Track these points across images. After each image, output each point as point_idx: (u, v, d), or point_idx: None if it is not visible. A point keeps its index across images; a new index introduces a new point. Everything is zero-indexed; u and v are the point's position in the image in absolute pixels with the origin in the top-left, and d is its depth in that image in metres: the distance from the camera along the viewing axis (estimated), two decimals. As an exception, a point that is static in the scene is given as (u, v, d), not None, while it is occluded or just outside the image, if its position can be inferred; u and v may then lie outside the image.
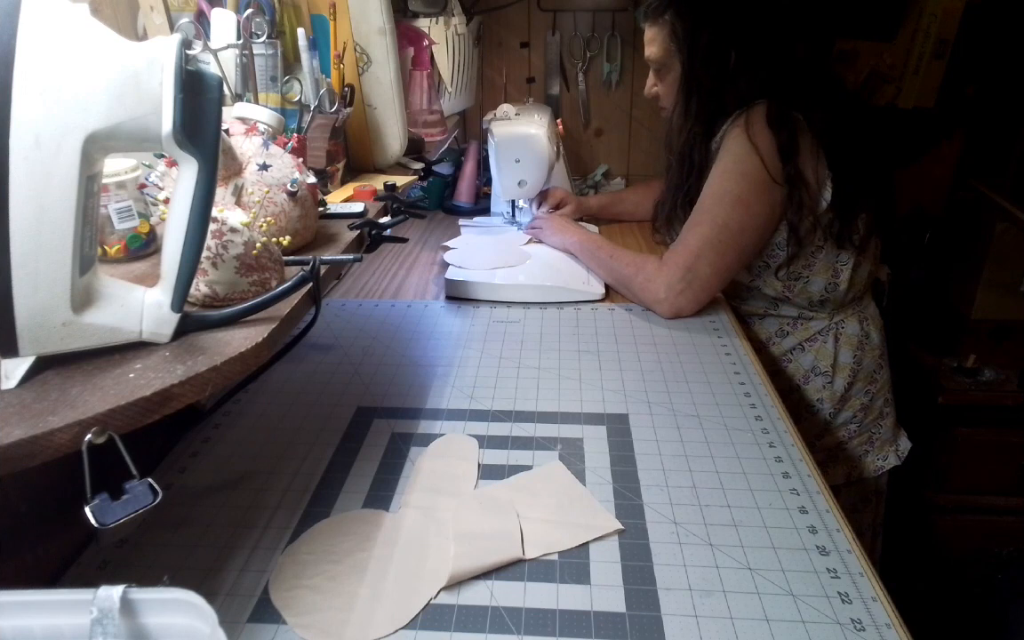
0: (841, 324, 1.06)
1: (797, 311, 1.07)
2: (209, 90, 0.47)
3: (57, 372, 0.46)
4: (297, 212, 0.69)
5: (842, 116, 0.97)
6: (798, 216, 0.96)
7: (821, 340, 1.06)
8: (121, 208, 0.63)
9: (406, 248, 1.35)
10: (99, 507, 0.42)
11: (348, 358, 0.91)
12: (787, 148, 0.93)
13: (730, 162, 0.97)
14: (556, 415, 0.78)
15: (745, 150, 0.95)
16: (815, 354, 1.07)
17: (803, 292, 1.03)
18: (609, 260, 1.09)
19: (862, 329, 1.06)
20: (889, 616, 0.52)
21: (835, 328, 1.06)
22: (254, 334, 0.51)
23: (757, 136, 0.94)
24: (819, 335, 1.06)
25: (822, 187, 0.95)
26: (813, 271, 1.02)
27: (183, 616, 0.38)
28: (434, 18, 1.28)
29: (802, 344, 1.07)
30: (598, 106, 1.70)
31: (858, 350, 1.06)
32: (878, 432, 1.11)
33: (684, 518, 0.62)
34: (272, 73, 0.91)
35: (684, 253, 0.98)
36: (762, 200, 0.95)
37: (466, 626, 0.52)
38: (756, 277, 1.06)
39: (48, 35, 0.41)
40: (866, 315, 1.08)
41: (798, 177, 0.94)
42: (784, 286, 1.03)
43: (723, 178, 0.97)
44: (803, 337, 1.07)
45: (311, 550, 0.59)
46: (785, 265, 1.01)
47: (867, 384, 1.08)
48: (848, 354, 1.06)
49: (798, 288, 1.03)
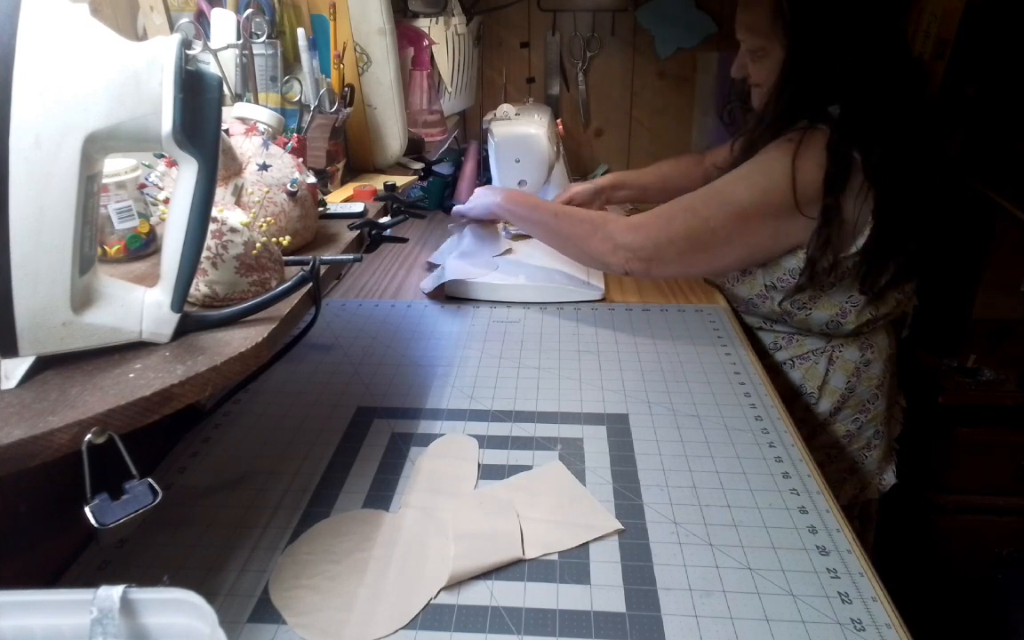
0: (838, 348, 1.00)
1: (792, 330, 1.02)
2: (209, 90, 0.47)
3: (57, 372, 0.46)
4: (297, 212, 0.69)
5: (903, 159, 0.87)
6: (821, 251, 0.88)
7: (813, 360, 1.01)
8: (121, 208, 0.63)
9: (406, 248, 1.35)
10: (99, 507, 0.42)
11: (348, 358, 0.91)
12: (835, 180, 0.85)
13: (757, 173, 0.90)
14: (556, 415, 0.78)
15: (781, 171, 0.87)
16: (804, 373, 1.02)
17: (803, 321, 0.98)
18: (553, 218, 1.02)
19: (862, 356, 1.00)
20: (889, 616, 0.52)
21: (831, 350, 1.00)
22: (254, 334, 0.51)
23: (805, 161, 0.86)
24: (812, 354, 1.01)
25: (858, 231, 0.88)
26: (817, 305, 0.95)
27: (183, 616, 0.38)
28: (434, 18, 1.28)
29: (793, 359, 1.03)
30: (598, 106, 1.70)
31: (853, 377, 1.00)
32: (862, 462, 1.06)
33: (684, 518, 0.62)
34: (272, 73, 0.91)
35: (661, 230, 0.93)
36: (767, 227, 0.89)
37: (466, 626, 0.52)
38: (757, 296, 1.00)
39: (48, 35, 0.41)
40: (870, 343, 1.01)
41: (835, 213, 0.86)
42: (786, 311, 0.97)
43: (740, 184, 0.90)
44: (795, 353, 1.02)
45: (311, 550, 0.59)
46: (791, 294, 0.95)
47: (856, 412, 1.03)
48: (841, 379, 1.00)
49: (798, 317, 0.97)
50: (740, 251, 0.93)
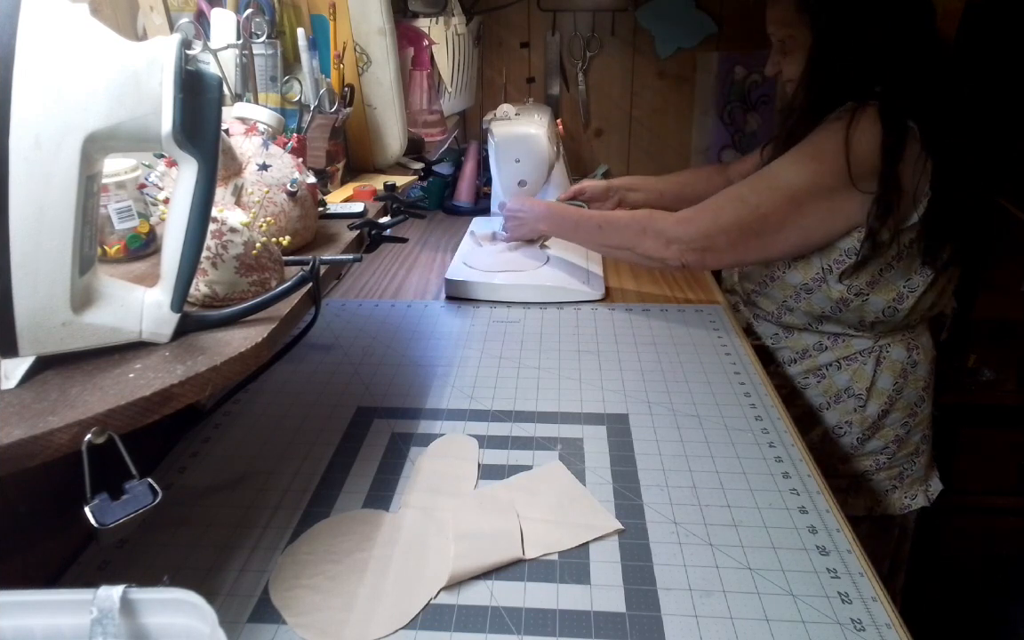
0: (886, 347, 0.99)
1: (840, 328, 1.00)
2: (209, 90, 0.47)
3: (57, 372, 0.46)
4: (297, 212, 0.69)
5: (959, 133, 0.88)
6: (880, 221, 0.87)
7: (860, 361, 1.00)
8: (121, 208, 0.63)
9: (406, 248, 1.35)
10: (99, 507, 0.42)
11: (348, 358, 0.91)
12: (892, 150, 0.85)
13: (807, 156, 0.89)
14: (556, 415, 0.78)
15: (834, 149, 0.86)
16: (851, 374, 1.00)
17: (858, 310, 0.96)
18: (599, 230, 1.03)
19: (909, 356, 0.99)
20: (889, 616, 0.52)
21: (879, 350, 0.99)
22: (254, 334, 0.51)
23: (860, 134, 0.85)
24: (859, 355, 1.00)
25: (917, 201, 0.87)
26: (875, 289, 0.93)
27: (183, 616, 0.38)
28: (434, 18, 1.28)
29: (839, 361, 1.01)
30: (598, 106, 1.70)
31: (900, 378, 0.99)
32: (910, 469, 1.04)
33: (684, 518, 0.62)
34: (272, 73, 0.91)
35: (711, 221, 0.93)
36: (820, 208, 0.89)
37: (466, 626, 0.52)
38: (812, 280, 0.97)
39: (48, 35, 0.41)
40: (917, 343, 1.00)
41: (893, 183, 0.86)
42: (841, 299, 0.95)
43: (790, 168, 0.90)
44: (842, 354, 1.00)
45: (311, 550, 0.59)
46: (850, 274, 0.93)
47: (905, 415, 1.01)
48: (888, 380, 0.99)
49: (855, 305, 0.95)
50: (794, 235, 0.92)
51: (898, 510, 1.05)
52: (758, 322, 1.10)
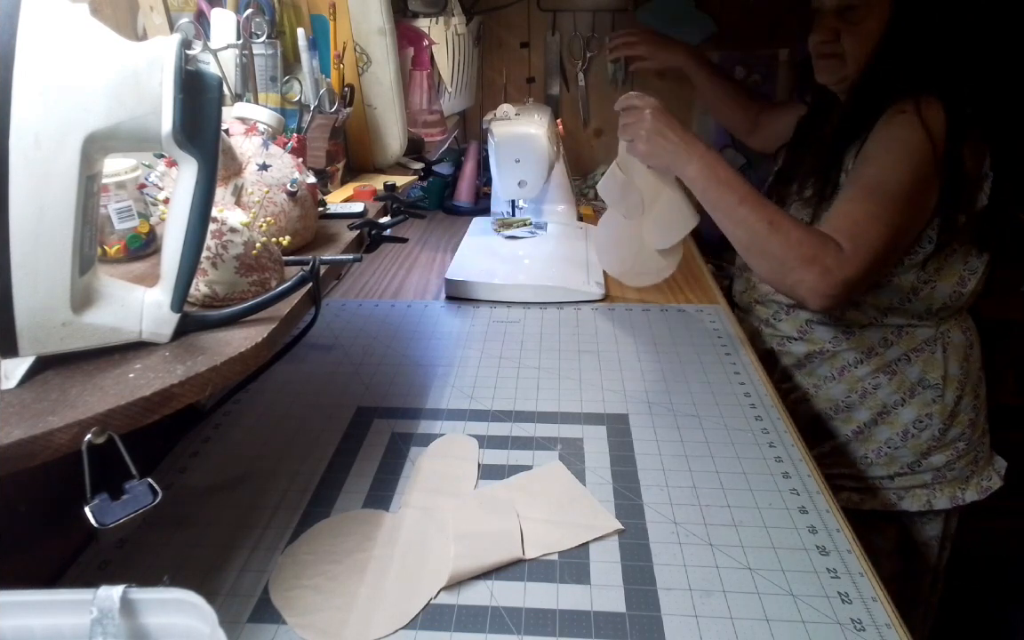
0: (947, 333, 0.99)
1: (905, 320, 0.99)
2: (209, 90, 0.47)
3: (57, 372, 0.46)
4: (297, 212, 0.69)
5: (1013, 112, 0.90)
6: (953, 207, 0.88)
7: (928, 350, 0.99)
8: (121, 208, 0.63)
9: (406, 248, 1.35)
10: (99, 507, 0.42)
11: (348, 358, 0.91)
12: (957, 136, 0.85)
13: (901, 151, 0.86)
14: (556, 415, 0.78)
15: (918, 137, 0.84)
16: (922, 365, 0.99)
17: (927, 298, 0.95)
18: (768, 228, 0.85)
19: (966, 338, 1.00)
20: (889, 616, 0.52)
21: (942, 337, 0.99)
22: (254, 334, 0.51)
23: (931, 119, 0.84)
24: (925, 345, 0.99)
25: (979, 186, 0.90)
26: (942, 275, 0.94)
27: (183, 616, 0.38)
28: (434, 18, 1.28)
29: (908, 354, 0.99)
30: (598, 106, 1.70)
31: (964, 361, 1.00)
32: (982, 451, 1.04)
33: (684, 518, 0.62)
34: (272, 73, 0.91)
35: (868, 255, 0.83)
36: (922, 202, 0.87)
37: (466, 626, 0.52)
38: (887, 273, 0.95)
39: (48, 35, 0.41)
40: (968, 325, 1.02)
41: (960, 167, 0.86)
42: (912, 288, 0.95)
43: (891, 172, 0.85)
44: (909, 347, 0.99)
45: (311, 550, 0.59)
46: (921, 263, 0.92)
47: (973, 398, 1.02)
48: (956, 365, 0.99)
49: (924, 293, 0.95)
50: (904, 238, 0.89)
51: (979, 494, 1.04)
52: (812, 327, 1.05)
